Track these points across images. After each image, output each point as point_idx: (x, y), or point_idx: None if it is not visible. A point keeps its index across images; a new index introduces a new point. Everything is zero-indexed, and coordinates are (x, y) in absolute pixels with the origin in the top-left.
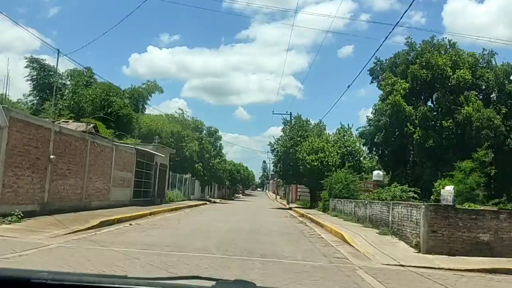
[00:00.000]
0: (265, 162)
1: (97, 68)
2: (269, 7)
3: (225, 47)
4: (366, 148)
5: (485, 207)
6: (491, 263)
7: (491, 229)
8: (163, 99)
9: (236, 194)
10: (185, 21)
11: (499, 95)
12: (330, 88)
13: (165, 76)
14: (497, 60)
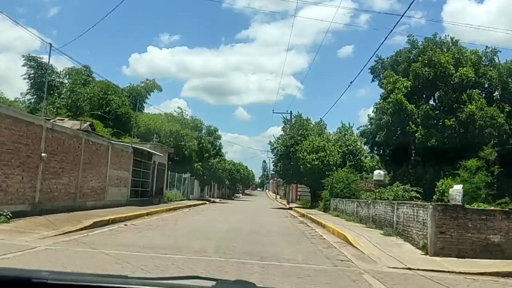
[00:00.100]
0: (265, 162)
1: (97, 68)
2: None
3: (225, 47)
4: (367, 147)
5: (494, 207)
6: (504, 266)
7: (501, 230)
8: (163, 99)
9: (236, 194)
10: (185, 21)
11: (503, 93)
12: (330, 88)
13: (165, 76)
14: (500, 58)
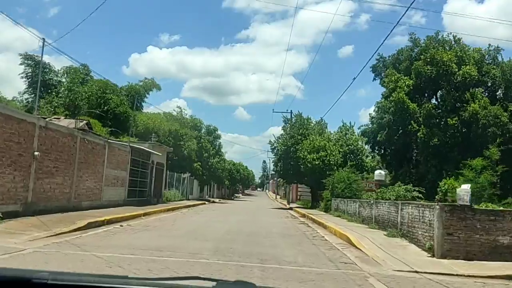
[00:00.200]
0: (265, 162)
1: (97, 68)
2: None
3: (225, 47)
4: (368, 146)
5: (503, 208)
6: None
7: (511, 232)
8: (163, 99)
9: (235, 194)
10: (185, 21)
11: (506, 92)
12: (330, 88)
13: (165, 76)
14: (504, 56)
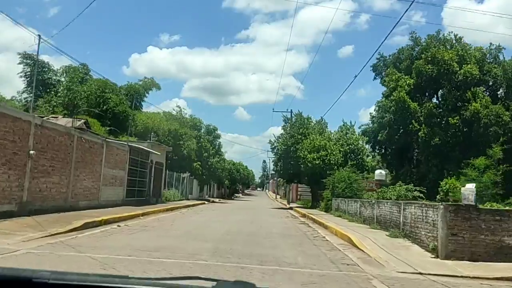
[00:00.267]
0: (265, 161)
1: (97, 68)
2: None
3: (225, 47)
4: (369, 146)
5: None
6: None
7: None
8: (163, 99)
9: (235, 193)
10: (185, 21)
11: (507, 91)
12: (330, 88)
13: (165, 76)
14: (505, 55)
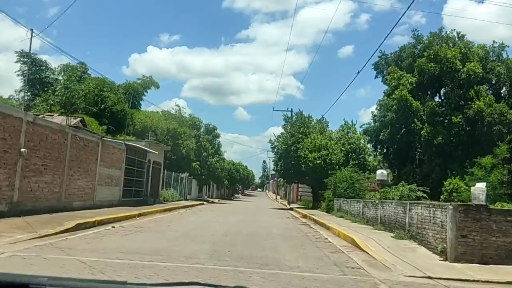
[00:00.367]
0: (265, 162)
1: (97, 68)
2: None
3: (225, 47)
4: (371, 145)
5: None
6: None
7: None
8: (163, 99)
9: (235, 194)
10: (185, 21)
11: (511, 89)
12: (330, 88)
13: (165, 76)
14: (508, 53)
